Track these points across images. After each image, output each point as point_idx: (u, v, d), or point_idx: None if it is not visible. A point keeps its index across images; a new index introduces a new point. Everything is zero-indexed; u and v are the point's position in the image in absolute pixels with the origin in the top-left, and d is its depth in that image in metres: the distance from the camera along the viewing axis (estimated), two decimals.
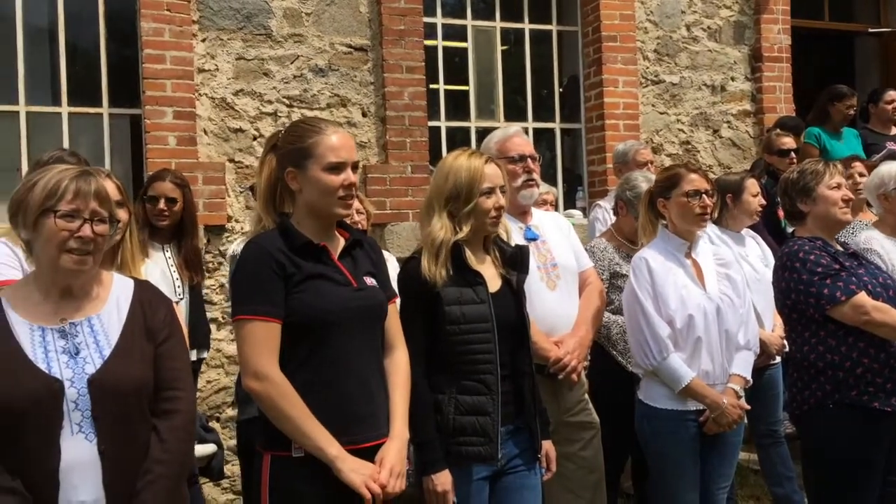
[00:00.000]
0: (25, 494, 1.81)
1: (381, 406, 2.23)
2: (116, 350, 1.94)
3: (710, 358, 2.99)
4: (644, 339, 2.96)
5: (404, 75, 5.23)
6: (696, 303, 2.98)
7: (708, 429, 2.98)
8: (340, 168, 2.18)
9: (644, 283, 2.98)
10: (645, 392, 3.08)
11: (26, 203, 1.90)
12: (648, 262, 3.01)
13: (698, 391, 2.95)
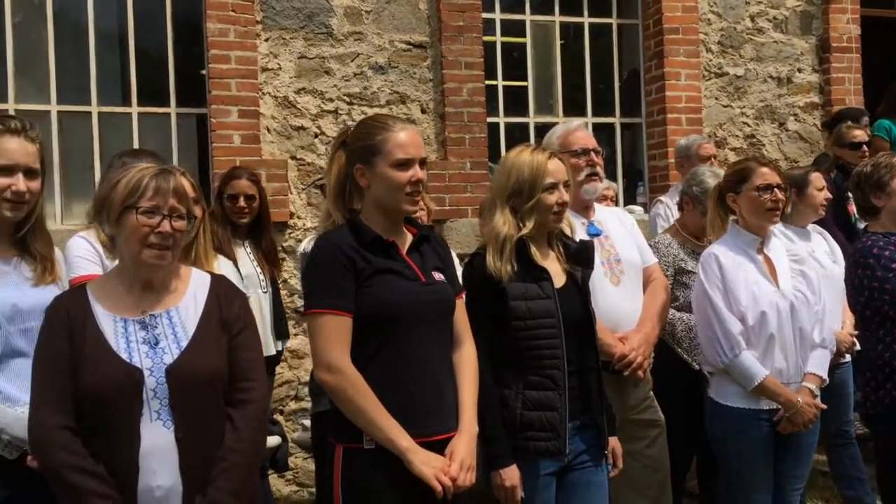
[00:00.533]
0: (108, 478, 1.88)
1: (450, 400, 2.25)
2: (193, 341, 2.00)
3: (784, 356, 2.92)
4: (715, 335, 2.91)
5: (463, 71, 5.24)
6: (768, 299, 2.91)
7: (782, 428, 2.92)
8: (408, 164, 2.21)
9: (714, 278, 2.92)
10: (716, 390, 3.02)
11: (110, 200, 1.98)
12: (718, 257, 2.95)
13: (772, 389, 2.89)
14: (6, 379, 2.20)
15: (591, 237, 2.96)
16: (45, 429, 1.89)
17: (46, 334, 1.98)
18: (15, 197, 2.22)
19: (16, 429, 2.14)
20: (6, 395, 2.19)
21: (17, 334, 2.22)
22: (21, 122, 2.28)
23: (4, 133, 2.23)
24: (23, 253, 2.31)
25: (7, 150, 2.21)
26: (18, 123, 2.27)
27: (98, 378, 1.90)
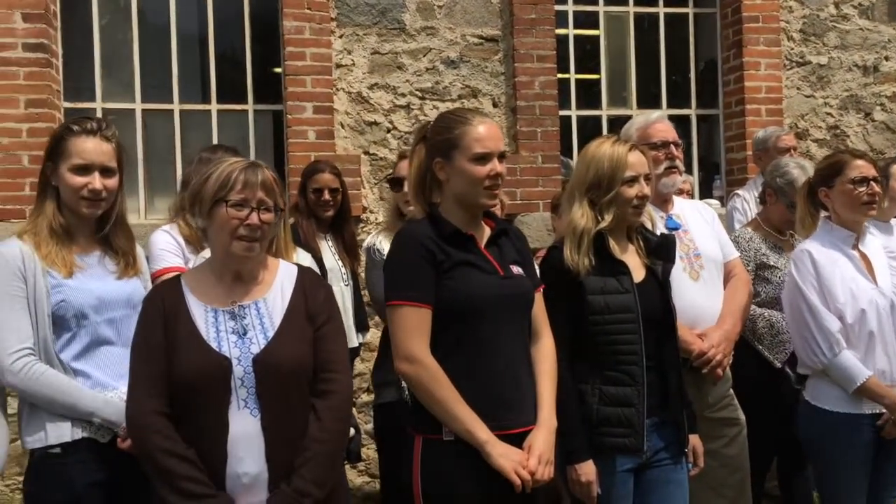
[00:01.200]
0: (199, 463, 1.93)
1: (528, 393, 2.25)
2: (279, 332, 2.04)
3: (886, 356, 2.80)
4: (811, 335, 2.80)
5: (535, 65, 5.20)
6: (867, 297, 2.79)
7: (888, 432, 2.78)
8: (486, 158, 2.21)
9: (808, 276, 2.82)
10: (812, 393, 2.90)
11: (201, 194, 2.04)
12: (812, 254, 2.84)
13: (875, 391, 2.76)
14: (95, 366, 2.30)
15: (670, 231, 2.90)
16: (140, 413, 1.97)
17: (143, 323, 2.05)
18: (92, 195, 2.31)
19: (106, 412, 2.24)
20: (96, 381, 2.29)
21: (103, 324, 2.32)
22: (97, 123, 2.37)
23: (81, 133, 2.32)
24: (106, 248, 2.41)
25: (83, 150, 2.30)
26: (94, 124, 2.36)
27: (189, 366, 1.96)
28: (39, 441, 2.23)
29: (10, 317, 2.21)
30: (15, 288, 2.22)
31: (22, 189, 4.48)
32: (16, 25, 4.52)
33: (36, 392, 2.22)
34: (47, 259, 2.25)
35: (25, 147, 4.52)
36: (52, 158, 2.33)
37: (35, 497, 2.25)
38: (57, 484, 2.20)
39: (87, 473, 2.22)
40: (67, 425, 2.22)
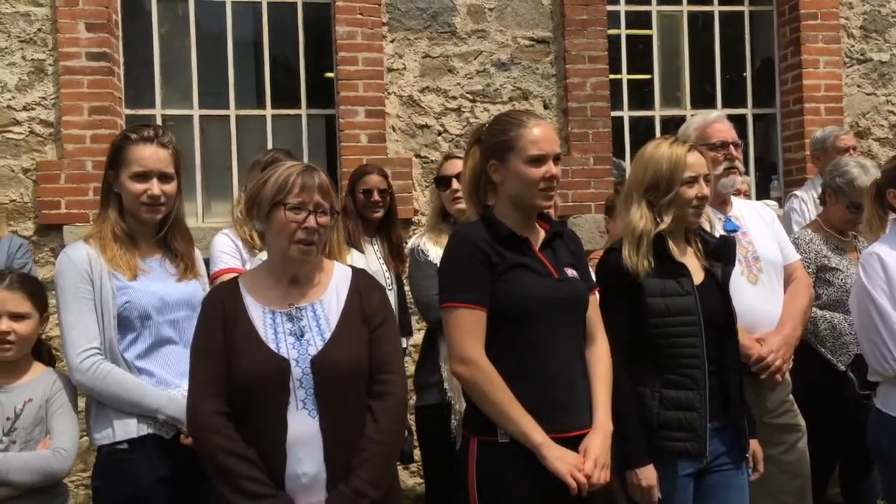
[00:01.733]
0: (259, 463, 1.96)
1: (583, 397, 2.23)
2: (336, 333, 2.06)
3: None
4: (881, 340, 2.70)
5: (587, 66, 5.17)
6: None
7: None
8: (542, 160, 2.21)
9: (878, 279, 2.72)
10: (883, 400, 2.78)
11: (260, 198, 2.07)
12: (881, 257, 2.75)
13: None
14: (158, 365, 2.37)
15: (728, 233, 2.86)
16: (200, 413, 2.00)
17: (202, 324, 2.09)
18: (151, 200, 2.38)
19: (170, 410, 2.30)
20: (159, 379, 2.36)
21: (165, 325, 2.39)
22: (154, 130, 2.44)
23: (138, 142, 2.39)
24: (166, 251, 2.48)
25: (141, 158, 2.37)
26: (151, 131, 2.43)
27: (249, 367, 1.99)
28: (107, 437, 2.30)
29: (79, 318, 2.29)
30: (83, 290, 2.29)
31: (86, 194, 4.63)
32: (80, 35, 4.67)
33: (103, 390, 2.29)
34: (112, 262, 2.33)
35: (89, 153, 4.66)
36: (112, 167, 2.41)
37: (103, 492, 2.32)
38: (124, 479, 2.27)
39: (152, 469, 2.28)
40: (133, 422, 2.29)
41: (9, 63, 4.67)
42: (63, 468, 2.32)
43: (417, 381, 3.26)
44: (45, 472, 2.29)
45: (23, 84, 4.69)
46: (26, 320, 2.38)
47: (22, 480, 2.27)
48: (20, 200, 4.68)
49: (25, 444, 2.32)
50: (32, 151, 4.70)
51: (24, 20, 4.70)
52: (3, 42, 4.67)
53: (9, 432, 2.31)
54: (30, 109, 4.70)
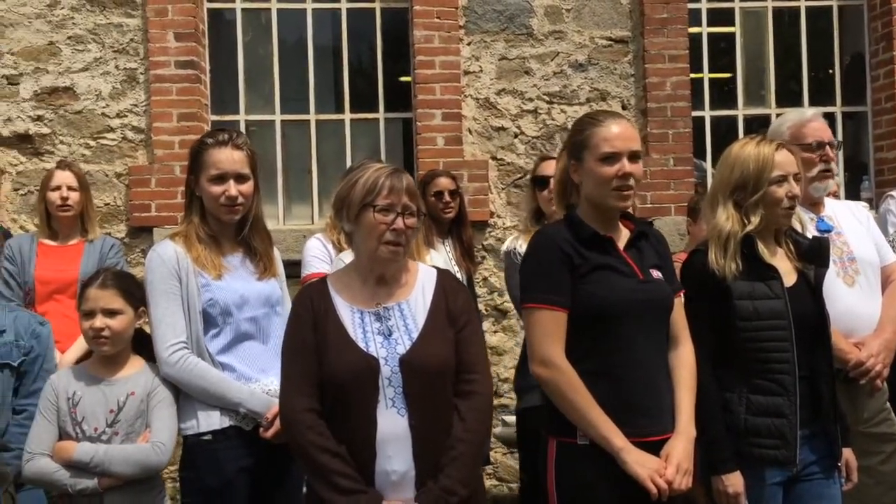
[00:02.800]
0: (350, 460, 2.00)
1: (666, 401, 2.20)
2: (423, 333, 2.09)
3: None
4: None
5: (666, 65, 5.08)
6: None
7: None
8: (614, 158, 2.18)
9: None
10: None
11: (349, 199, 2.11)
12: None
13: None
14: (238, 360, 2.46)
15: (822, 233, 2.76)
16: (293, 410, 2.05)
17: (294, 323, 2.14)
18: (229, 201, 2.46)
19: (251, 403, 2.39)
20: (240, 374, 2.44)
21: (245, 321, 2.48)
22: (228, 133, 2.53)
23: (214, 146, 2.48)
24: (246, 250, 2.56)
25: (218, 161, 2.45)
26: (226, 135, 2.51)
27: (339, 365, 2.03)
28: (192, 428, 2.40)
29: (167, 313, 2.39)
30: (171, 286, 2.40)
31: (175, 197, 4.79)
32: (169, 44, 4.86)
33: (190, 383, 2.39)
34: (197, 262, 2.43)
35: (177, 158, 4.83)
36: (193, 171, 2.51)
37: (190, 481, 2.41)
38: (209, 468, 2.36)
39: (235, 459, 2.37)
40: (217, 414, 2.38)
41: (103, 72, 4.89)
42: (161, 462, 2.42)
43: (519, 383, 3.26)
44: (144, 464, 2.39)
45: (116, 92, 4.90)
46: (120, 316, 2.48)
47: (122, 472, 2.37)
48: (113, 204, 4.89)
49: (127, 435, 2.42)
50: (125, 157, 4.90)
51: (118, 31, 4.91)
52: (98, 52, 4.89)
53: (112, 424, 2.42)
54: (122, 116, 4.91)
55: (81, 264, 3.81)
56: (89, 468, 2.35)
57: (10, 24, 4.85)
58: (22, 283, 3.78)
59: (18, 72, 4.84)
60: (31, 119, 4.85)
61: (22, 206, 4.84)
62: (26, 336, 2.69)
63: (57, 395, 2.45)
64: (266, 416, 2.36)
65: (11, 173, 4.85)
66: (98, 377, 2.48)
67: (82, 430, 2.42)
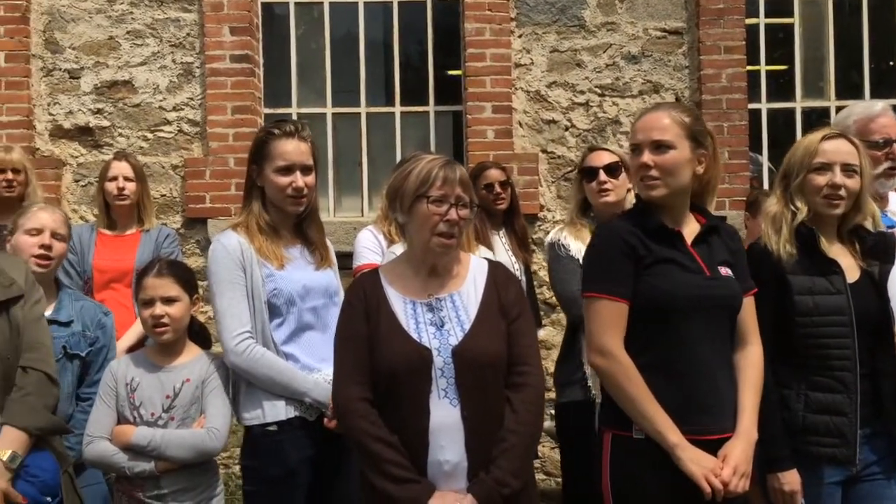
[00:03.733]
0: (403, 449, 2.01)
1: (727, 400, 2.16)
2: (475, 324, 2.08)
3: None
4: None
5: (722, 56, 4.98)
6: None
7: None
8: (636, 150, 2.20)
9: None
10: None
11: (403, 190, 2.11)
12: None
13: None
14: (301, 350, 2.47)
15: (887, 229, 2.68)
16: (347, 399, 2.07)
17: (346, 313, 2.16)
18: (295, 192, 2.47)
19: (316, 393, 2.39)
20: (304, 364, 2.45)
21: (307, 311, 2.49)
22: (294, 125, 2.53)
23: (281, 136, 2.48)
24: (304, 241, 2.58)
25: (285, 152, 2.46)
26: (291, 126, 2.52)
27: (392, 355, 2.04)
28: (257, 418, 2.41)
29: (232, 303, 2.41)
30: (236, 276, 2.41)
31: (228, 189, 4.89)
32: (224, 38, 4.94)
33: (257, 372, 2.40)
34: (260, 252, 2.44)
35: (231, 150, 4.92)
36: (256, 161, 2.51)
37: (253, 470, 2.44)
38: (274, 459, 2.38)
39: (300, 449, 2.38)
40: (282, 404, 2.39)
41: (161, 66, 5.00)
42: (216, 447, 2.46)
43: (559, 377, 3.23)
44: (200, 449, 2.44)
45: (173, 86, 5.00)
46: (177, 303, 2.54)
47: (178, 456, 2.42)
48: (169, 195, 5.00)
49: (182, 421, 2.48)
50: (180, 149, 5.00)
51: (175, 25, 5.01)
52: (156, 47, 5.00)
53: (168, 409, 2.47)
54: (178, 110, 5.01)
55: (138, 253, 3.89)
56: (146, 451, 2.41)
57: (72, 20, 4.98)
58: (81, 271, 3.86)
59: (80, 66, 4.97)
60: (91, 112, 4.98)
61: (82, 196, 4.98)
62: (92, 327, 2.77)
63: (116, 380, 2.52)
64: (331, 406, 2.36)
65: (72, 165, 5.00)
66: (155, 364, 2.54)
67: (140, 414, 2.48)
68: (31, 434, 2.00)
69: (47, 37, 4.98)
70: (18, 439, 1.98)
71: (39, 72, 4.98)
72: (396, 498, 1.98)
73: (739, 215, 4.74)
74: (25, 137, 4.84)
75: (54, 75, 4.98)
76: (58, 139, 4.99)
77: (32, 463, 1.99)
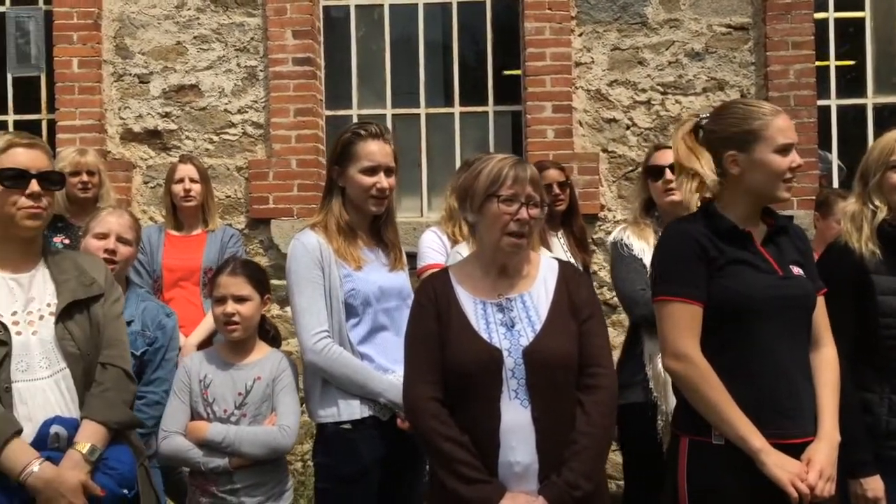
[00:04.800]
0: (473, 449, 2.00)
1: (807, 402, 2.10)
2: (546, 325, 2.07)
3: None
4: None
5: (790, 52, 4.85)
6: None
7: None
8: (788, 150, 2.12)
9: None
10: None
11: (473, 189, 2.11)
12: None
13: None
14: (376, 350, 2.48)
15: None
16: (417, 398, 2.07)
17: (417, 313, 2.16)
18: (379, 193, 2.49)
19: (391, 394, 2.40)
20: (378, 364, 2.47)
21: (381, 312, 2.51)
22: (378, 127, 2.55)
23: (367, 138, 2.50)
24: (380, 242, 2.59)
25: (370, 153, 2.48)
26: (376, 128, 2.54)
27: (463, 355, 2.03)
28: (332, 416, 2.43)
29: (311, 302, 2.43)
30: (315, 276, 2.44)
31: (291, 190, 4.96)
32: (287, 42, 5.01)
33: (334, 371, 2.41)
34: (338, 252, 2.46)
35: (294, 152, 4.99)
36: (339, 162, 2.53)
37: (326, 467, 2.46)
38: (347, 456, 2.40)
39: (372, 448, 2.40)
40: (357, 403, 2.41)
41: (226, 70, 5.10)
42: (287, 444, 2.50)
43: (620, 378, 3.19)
44: (272, 446, 2.48)
45: (237, 89, 5.10)
46: (248, 302, 2.58)
47: (251, 452, 2.47)
48: (234, 196, 5.09)
49: (254, 418, 2.52)
50: (245, 151, 5.10)
51: (240, 30, 5.10)
52: (222, 51, 5.10)
53: (240, 406, 2.52)
54: (243, 112, 5.10)
55: (204, 253, 3.99)
56: (221, 447, 2.46)
57: (142, 26, 5.12)
58: (151, 271, 3.97)
59: (149, 71, 5.11)
60: (159, 116, 5.11)
61: (151, 198, 5.11)
62: (152, 327, 2.82)
63: (189, 377, 2.57)
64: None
65: (142, 167, 5.14)
66: (227, 361, 2.59)
67: (213, 411, 2.53)
68: (109, 428, 2.05)
69: (118, 43, 5.14)
70: (98, 433, 2.03)
71: (110, 77, 5.13)
72: (467, 498, 1.97)
73: (808, 215, 4.62)
74: (98, 141, 4.99)
75: (125, 80, 5.13)
76: (128, 142, 5.14)
77: (111, 456, 2.04)
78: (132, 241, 2.93)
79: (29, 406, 2.01)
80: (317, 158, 5.03)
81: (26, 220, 2.07)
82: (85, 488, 1.97)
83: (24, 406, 2.00)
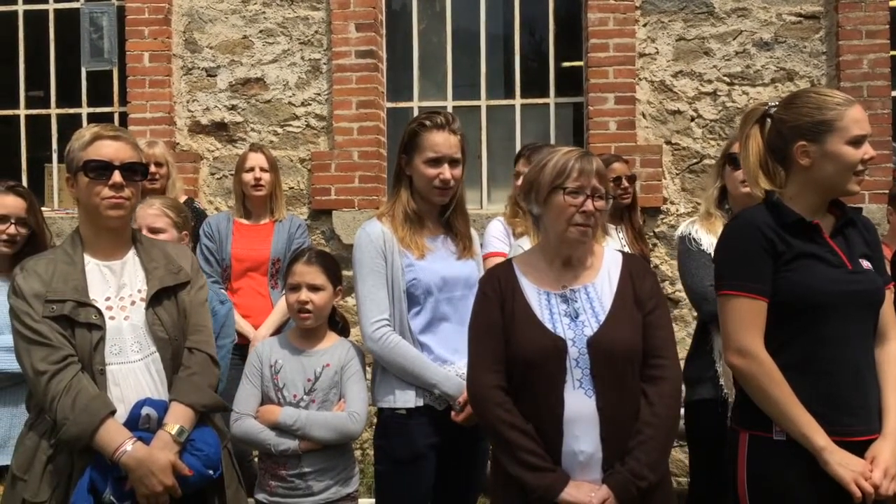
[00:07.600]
0: (537, 438, 2.03)
1: (873, 400, 2.07)
2: (610, 316, 2.07)
3: None
4: None
5: (863, 41, 4.71)
6: None
7: None
8: (861, 142, 2.07)
9: None
10: None
11: (538, 182, 2.12)
12: None
13: None
14: (436, 340, 2.51)
15: None
16: (482, 387, 2.09)
17: (481, 303, 2.18)
18: (442, 184, 2.50)
19: (446, 386, 2.44)
20: (437, 355, 2.49)
21: (444, 302, 2.52)
22: (446, 117, 2.55)
23: (432, 128, 2.51)
24: (448, 231, 2.60)
25: (435, 144, 2.48)
26: (443, 118, 2.53)
27: (527, 345, 2.05)
28: (389, 402, 2.49)
29: (373, 290, 2.48)
30: (378, 265, 2.48)
31: (352, 181, 5.03)
32: (350, 35, 5.08)
33: (390, 360, 2.46)
34: (403, 242, 2.49)
35: (355, 144, 5.05)
36: (406, 151, 2.56)
37: (383, 450, 2.52)
38: (402, 441, 2.46)
39: (426, 435, 2.45)
40: (412, 393, 2.46)
41: (290, 63, 5.19)
42: (356, 430, 2.55)
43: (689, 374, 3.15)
44: (342, 431, 2.53)
45: (301, 82, 5.19)
46: (321, 292, 2.64)
47: (321, 436, 2.52)
48: (297, 188, 5.19)
49: (322, 404, 2.58)
50: (308, 143, 5.18)
51: (304, 24, 5.19)
52: (286, 44, 5.19)
53: (309, 392, 2.58)
54: (306, 105, 5.19)
55: (273, 242, 4.04)
56: (292, 431, 2.52)
57: (210, 20, 5.25)
58: (220, 259, 4.02)
59: (216, 64, 5.23)
60: (226, 108, 5.23)
61: (217, 189, 5.24)
62: None
63: (261, 361, 2.64)
64: (458, 400, 2.41)
65: (209, 159, 5.27)
66: (298, 348, 2.65)
67: (283, 395, 2.59)
68: (196, 411, 2.12)
69: (187, 37, 5.27)
70: (185, 415, 2.10)
71: (179, 70, 5.27)
72: (532, 486, 1.99)
73: (880, 209, 4.49)
74: (167, 133, 5.14)
75: (193, 74, 5.26)
76: (196, 134, 5.27)
77: (198, 438, 2.11)
78: (164, 227, 2.86)
79: (122, 388, 2.09)
80: (378, 150, 5.08)
81: (109, 211, 2.14)
82: (174, 468, 2.04)
83: (116, 388, 2.08)
